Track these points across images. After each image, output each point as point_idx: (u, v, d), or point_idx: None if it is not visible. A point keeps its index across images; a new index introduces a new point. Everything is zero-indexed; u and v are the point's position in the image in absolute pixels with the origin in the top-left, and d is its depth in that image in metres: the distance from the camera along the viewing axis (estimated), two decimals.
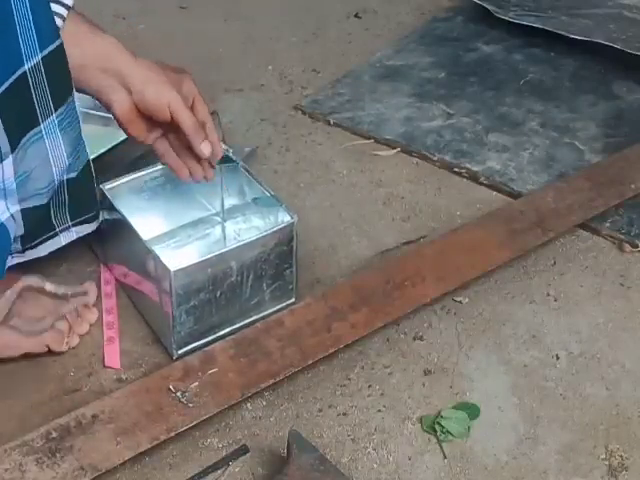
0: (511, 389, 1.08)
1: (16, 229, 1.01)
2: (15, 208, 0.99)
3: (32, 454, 0.90)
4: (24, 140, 0.94)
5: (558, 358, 1.12)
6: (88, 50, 0.97)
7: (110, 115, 1.46)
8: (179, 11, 1.90)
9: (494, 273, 1.22)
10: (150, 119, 1.04)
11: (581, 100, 1.62)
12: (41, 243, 1.07)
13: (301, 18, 1.88)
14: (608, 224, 1.32)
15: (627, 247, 1.29)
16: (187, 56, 1.68)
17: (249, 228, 1.21)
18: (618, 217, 1.33)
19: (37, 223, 1.03)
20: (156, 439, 0.94)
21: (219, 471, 0.95)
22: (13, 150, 0.92)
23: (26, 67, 0.90)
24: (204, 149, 1.05)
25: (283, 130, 1.54)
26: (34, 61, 0.90)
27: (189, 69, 1.14)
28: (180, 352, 1.08)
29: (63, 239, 1.09)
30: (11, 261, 1.05)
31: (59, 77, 0.94)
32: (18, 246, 1.05)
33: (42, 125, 0.95)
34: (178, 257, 1.11)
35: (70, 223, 1.08)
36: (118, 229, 1.13)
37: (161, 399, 0.97)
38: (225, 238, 1.24)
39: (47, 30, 0.91)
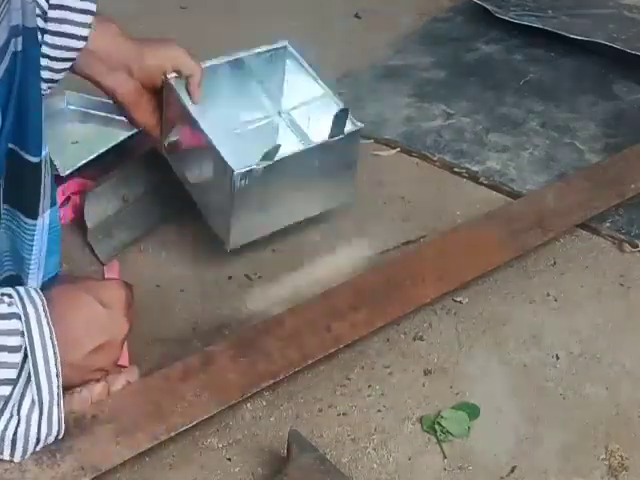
0: (511, 389, 1.08)
1: None
2: None
3: (32, 454, 0.90)
4: None
5: (558, 358, 1.12)
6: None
7: (110, 115, 1.45)
8: (179, 11, 1.90)
9: (494, 273, 1.22)
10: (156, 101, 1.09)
11: (581, 100, 1.62)
12: None
13: (301, 18, 1.88)
14: (608, 224, 1.32)
15: (627, 247, 1.29)
16: None
17: (312, 132, 1.26)
18: (618, 217, 1.33)
19: None
20: (156, 439, 0.94)
21: None
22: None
23: None
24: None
25: None
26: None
27: None
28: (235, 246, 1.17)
29: None
30: None
31: None
32: None
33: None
34: (241, 159, 1.12)
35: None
36: (181, 122, 1.15)
37: (161, 399, 0.97)
38: (293, 137, 1.29)
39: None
